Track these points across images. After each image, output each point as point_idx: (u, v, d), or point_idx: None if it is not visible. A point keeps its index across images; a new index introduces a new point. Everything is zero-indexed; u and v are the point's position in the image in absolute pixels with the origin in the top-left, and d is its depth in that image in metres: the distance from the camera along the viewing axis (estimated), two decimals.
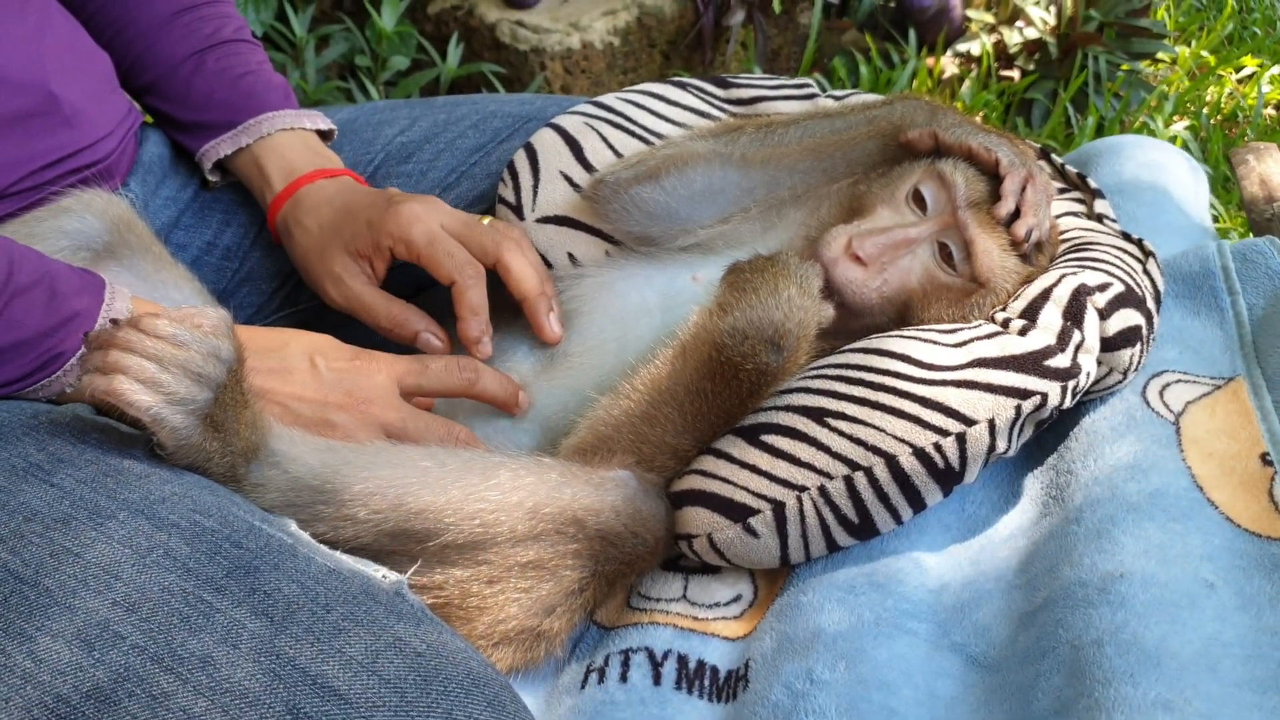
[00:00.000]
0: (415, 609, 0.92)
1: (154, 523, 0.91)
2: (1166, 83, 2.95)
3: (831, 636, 1.04)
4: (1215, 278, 1.30)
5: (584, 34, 2.86)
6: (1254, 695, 0.89)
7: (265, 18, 2.59)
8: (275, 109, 1.41)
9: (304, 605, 0.87)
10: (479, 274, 1.27)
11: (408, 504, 1.05)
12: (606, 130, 1.43)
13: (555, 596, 1.09)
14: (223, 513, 0.94)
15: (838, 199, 1.29)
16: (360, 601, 0.89)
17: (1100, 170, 1.56)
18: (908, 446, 1.08)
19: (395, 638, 0.87)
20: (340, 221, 1.31)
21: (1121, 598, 0.96)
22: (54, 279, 1.06)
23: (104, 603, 0.86)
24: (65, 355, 1.06)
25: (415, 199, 1.30)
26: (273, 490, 1.05)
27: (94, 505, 0.92)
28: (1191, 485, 1.08)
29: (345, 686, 0.82)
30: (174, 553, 0.89)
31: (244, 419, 1.02)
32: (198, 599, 0.86)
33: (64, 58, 1.30)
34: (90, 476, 0.95)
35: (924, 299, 1.20)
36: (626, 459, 1.16)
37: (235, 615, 0.86)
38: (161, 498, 0.94)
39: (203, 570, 0.88)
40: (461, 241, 1.28)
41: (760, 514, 1.11)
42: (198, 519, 0.93)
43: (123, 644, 0.84)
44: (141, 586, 0.87)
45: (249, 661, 0.83)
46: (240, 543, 0.92)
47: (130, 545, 0.90)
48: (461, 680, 0.86)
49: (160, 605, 0.86)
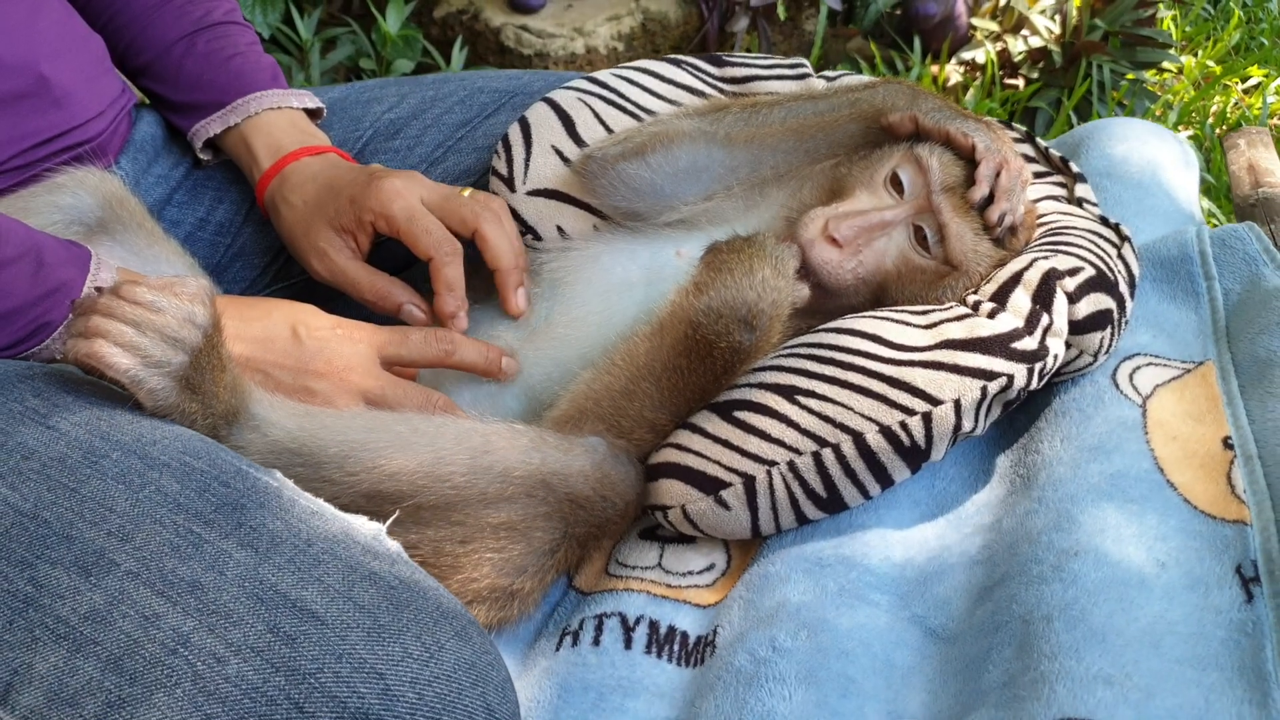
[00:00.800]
0: (392, 551, 0.97)
1: (146, 462, 0.96)
2: (1171, 92, 2.94)
3: (796, 606, 1.07)
4: (1193, 263, 1.32)
5: (588, 39, 2.86)
6: (1194, 672, 0.91)
7: (272, 20, 2.61)
8: (263, 89, 1.44)
9: (287, 539, 0.92)
10: (456, 250, 1.30)
11: (381, 466, 1.09)
12: (599, 106, 1.45)
13: (527, 557, 1.13)
14: (211, 456, 0.99)
15: (819, 180, 1.31)
16: (340, 540, 0.94)
17: (1090, 152, 1.56)
18: (874, 424, 1.11)
19: (370, 571, 0.92)
20: (324, 197, 1.34)
21: (1074, 575, 0.99)
22: (41, 250, 1.10)
23: (99, 533, 0.91)
24: (53, 324, 1.10)
25: (396, 174, 1.32)
26: (253, 453, 1.09)
27: (88, 446, 0.97)
28: (1153, 467, 1.11)
29: (322, 609, 0.88)
30: (165, 489, 0.94)
31: (222, 383, 1.06)
32: (187, 530, 0.92)
33: (56, 40, 1.33)
34: (84, 420, 1.00)
35: (899, 281, 1.23)
36: (602, 429, 1.20)
37: (222, 546, 0.91)
38: (153, 440, 0.99)
39: (192, 505, 0.93)
40: (441, 215, 1.31)
41: (731, 487, 1.14)
42: (187, 460, 0.97)
43: (117, 570, 0.89)
44: (134, 519, 0.92)
45: (234, 586, 0.88)
46: (228, 482, 0.96)
47: (124, 481, 0.95)
48: (431, 611, 0.91)
49: (152, 536, 0.91)
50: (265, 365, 1.17)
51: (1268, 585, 0.97)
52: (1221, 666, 0.92)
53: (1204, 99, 2.90)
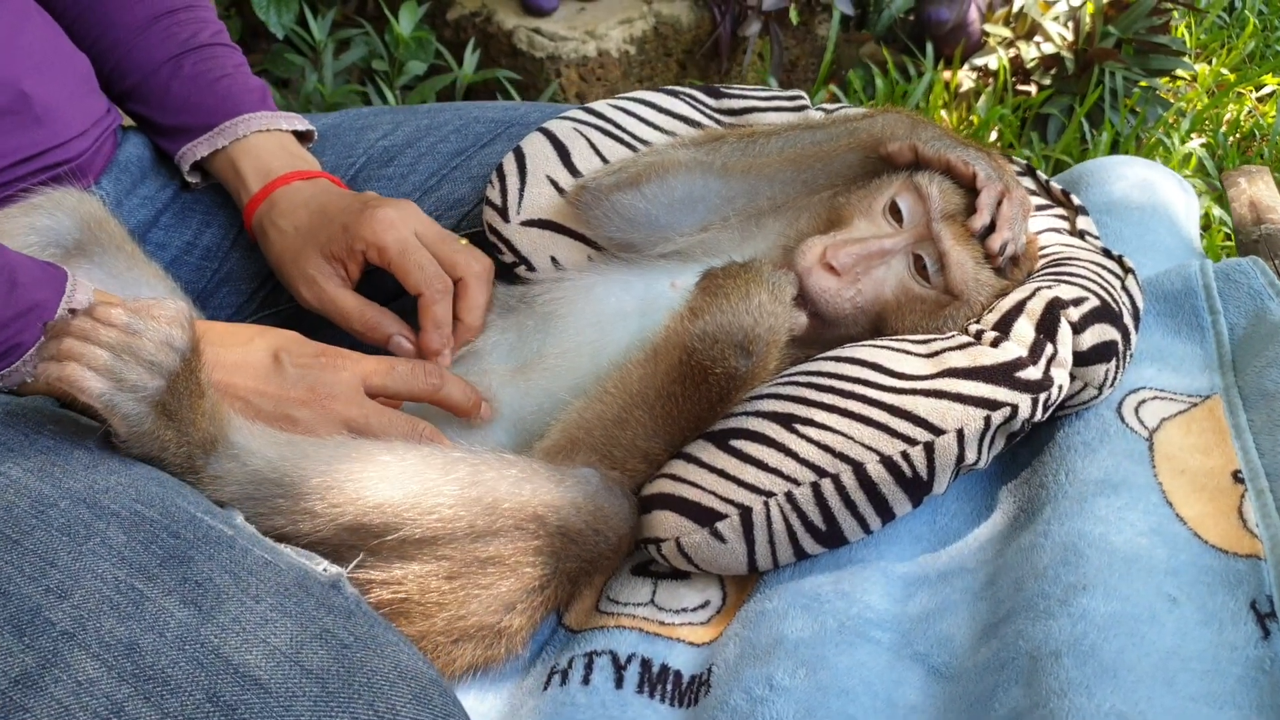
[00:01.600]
0: (349, 602, 0.93)
1: (94, 511, 0.92)
2: (1184, 100, 2.94)
3: (794, 643, 1.03)
4: (1197, 296, 1.30)
5: (600, 42, 2.87)
6: (1209, 709, 0.88)
7: (286, 21, 2.61)
8: (252, 110, 1.42)
9: (234, 595, 0.88)
10: (446, 288, 1.28)
11: (365, 498, 1.05)
12: (595, 136, 1.43)
13: (516, 593, 1.09)
14: (165, 503, 0.95)
15: (817, 210, 1.30)
16: (291, 593, 0.90)
17: (1090, 189, 1.55)
18: (875, 454, 1.07)
19: (323, 629, 0.88)
20: (316, 224, 1.31)
21: (1083, 610, 0.95)
22: (14, 270, 1.07)
23: (38, 589, 0.87)
24: (24, 346, 1.07)
25: (391, 204, 1.30)
26: (231, 483, 1.06)
27: (37, 494, 0.93)
28: (1161, 501, 1.07)
29: (267, 675, 0.83)
30: (110, 541, 0.90)
31: (200, 409, 1.02)
32: (129, 587, 0.88)
33: (38, 57, 1.31)
34: (37, 466, 0.96)
35: (898, 310, 1.20)
36: (595, 460, 1.16)
37: (164, 604, 0.87)
38: (105, 488, 0.95)
39: (137, 559, 0.90)
40: (433, 252, 1.29)
41: (727, 519, 1.11)
42: (139, 509, 0.94)
43: (52, 630, 0.85)
44: (75, 574, 0.88)
45: (173, 649, 0.84)
46: (178, 533, 0.93)
47: (68, 533, 0.91)
48: (388, 673, 0.87)
49: (92, 593, 0.87)
50: (246, 392, 1.14)
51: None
52: (1239, 705, 0.89)
53: (1217, 107, 2.89)
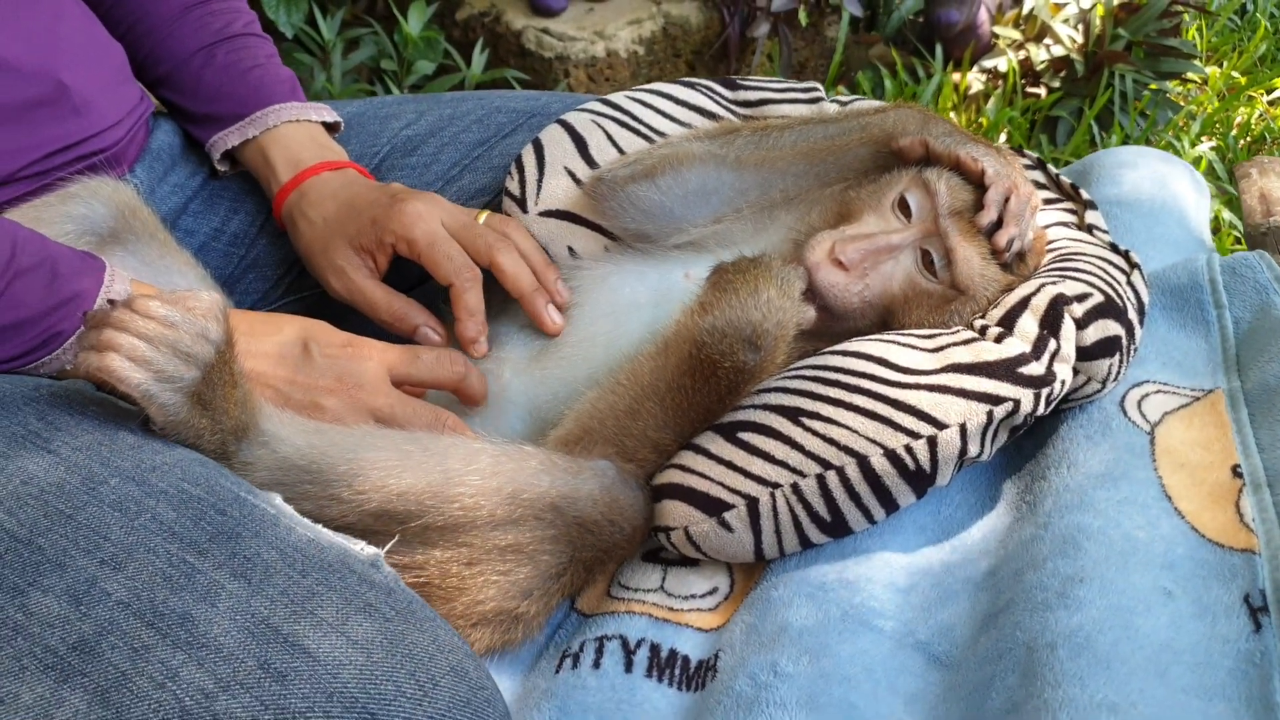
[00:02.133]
0: (388, 580, 0.96)
1: (144, 489, 0.96)
2: (1195, 103, 2.93)
3: (798, 631, 1.06)
4: (1203, 290, 1.31)
5: (609, 42, 2.87)
6: (1200, 701, 0.90)
7: (296, 20, 2.63)
8: (283, 101, 1.45)
9: (281, 570, 0.92)
10: (476, 276, 1.30)
11: (390, 485, 1.09)
12: (612, 128, 1.45)
13: (533, 580, 1.12)
14: (210, 483, 0.99)
15: (828, 204, 1.31)
16: (335, 570, 0.93)
17: (1101, 180, 1.56)
18: (879, 447, 1.10)
19: (366, 603, 0.91)
20: (344, 216, 1.34)
21: (1079, 602, 0.98)
22: (55, 261, 1.11)
23: (92, 561, 0.91)
24: (64, 334, 1.10)
25: (418, 196, 1.33)
26: (261, 469, 1.09)
27: (88, 471, 0.97)
28: (1161, 495, 1.10)
29: (314, 645, 0.87)
30: (161, 517, 0.94)
31: (233, 398, 1.06)
32: (180, 560, 0.91)
33: (76, 48, 1.34)
34: (86, 445, 1.00)
35: (905, 304, 1.22)
36: (608, 450, 1.19)
37: (215, 576, 0.90)
38: (152, 466, 0.98)
39: (187, 534, 0.93)
40: (460, 241, 1.31)
41: (735, 509, 1.13)
42: (186, 487, 0.97)
43: (108, 600, 0.89)
44: (128, 547, 0.92)
45: (225, 619, 0.88)
46: (225, 510, 0.96)
47: (120, 509, 0.94)
48: (427, 646, 0.90)
49: (145, 565, 0.91)
50: (276, 381, 1.18)
51: (1276, 615, 0.96)
52: (1229, 697, 0.91)
53: (1228, 110, 2.88)
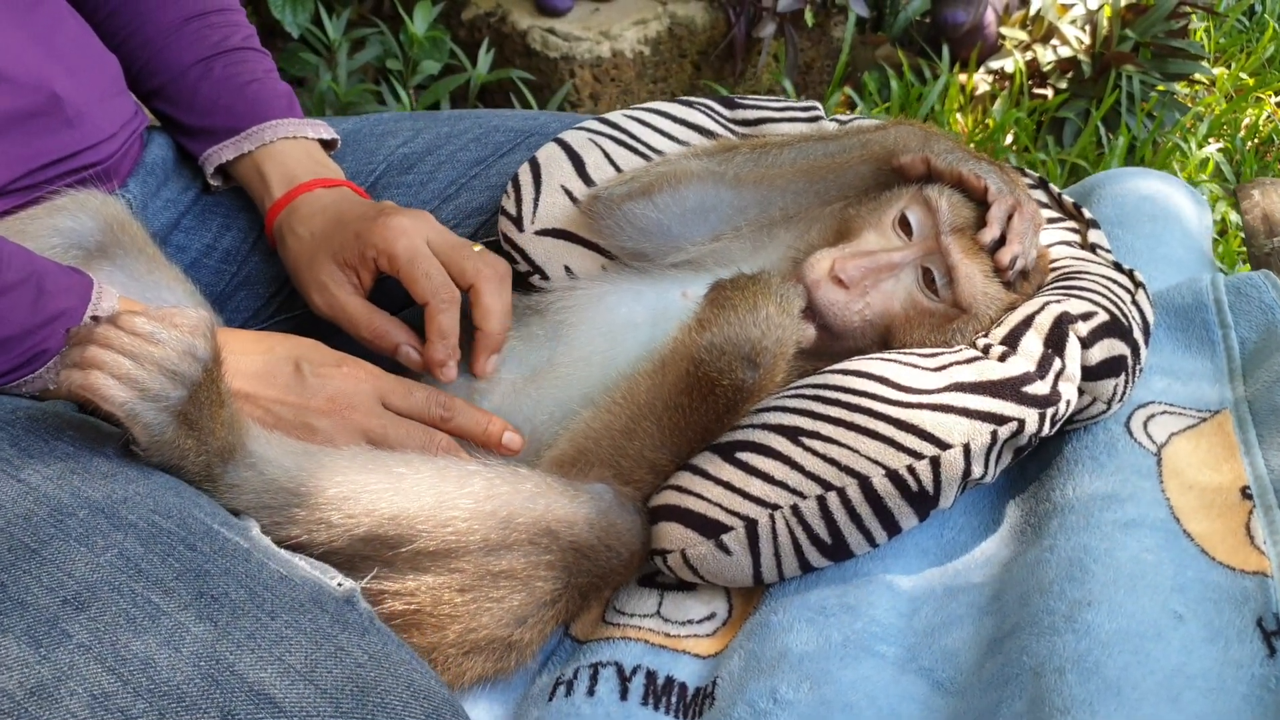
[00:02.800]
0: (363, 618, 0.93)
1: (112, 521, 0.93)
2: (1203, 104, 2.92)
3: (798, 656, 1.03)
4: (1208, 310, 1.29)
5: (614, 43, 2.87)
6: None
7: (301, 20, 2.63)
8: (279, 117, 1.43)
9: (249, 611, 0.89)
10: (453, 299, 1.27)
11: (381, 510, 1.06)
12: (610, 146, 1.44)
13: (527, 607, 1.10)
14: (183, 515, 0.96)
15: (828, 222, 1.30)
16: (306, 609, 0.90)
17: (1103, 200, 1.55)
18: (881, 468, 1.08)
19: (337, 646, 0.88)
20: (331, 230, 1.32)
21: (1087, 626, 0.95)
22: (41, 277, 1.09)
23: (55, 600, 0.88)
24: (49, 353, 1.08)
25: (406, 213, 1.31)
26: (248, 491, 1.07)
27: (56, 502, 0.94)
28: (1169, 517, 1.07)
29: (281, 694, 0.84)
30: (128, 553, 0.91)
31: (220, 418, 1.03)
32: (146, 600, 0.88)
33: (71, 59, 1.33)
34: (57, 474, 0.97)
35: (906, 323, 1.20)
36: (604, 472, 1.17)
37: (180, 618, 0.87)
38: (124, 498, 0.96)
39: (154, 572, 0.90)
40: (444, 261, 1.28)
41: (733, 531, 1.11)
42: (156, 520, 0.94)
43: (69, 642, 0.85)
44: (92, 585, 0.89)
45: (189, 665, 0.85)
46: (195, 545, 0.93)
47: (86, 543, 0.91)
48: (400, 692, 0.87)
49: (108, 605, 0.88)
50: (267, 402, 1.15)
51: None
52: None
53: (1236, 112, 2.86)
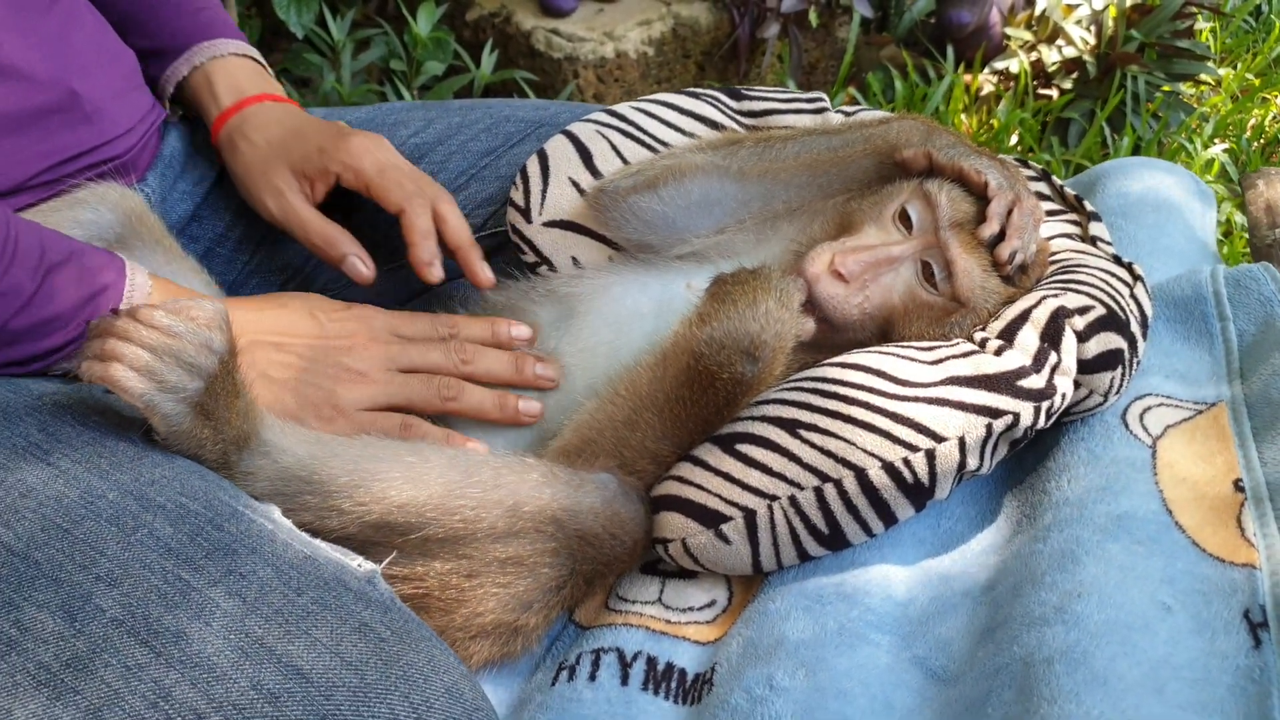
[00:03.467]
0: (385, 597, 0.96)
1: (141, 503, 0.96)
2: (1208, 105, 2.91)
3: (794, 644, 1.06)
4: (1207, 303, 1.30)
5: (618, 43, 2.87)
6: (1198, 718, 0.89)
7: (306, 21, 2.65)
8: (229, 38, 1.50)
9: (276, 588, 0.92)
10: (427, 204, 1.34)
11: (391, 497, 1.09)
12: (617, 138, 1.45)
13: (533, 593, 1.12)
14: (208, 497, 0.99)
15: (829, 215, 1.31)
16: (331, 587, 0.93)
17: (1106, 190, 1.56)
18: (877, 460, 1.10)
19: (361, 622, 0.91)
20: (290, 141, 1.38)
21: (1077, 617, 0.97)
22: (80, 255, 1.13)
23: (88, 577, 0.91)
24: None
25: (367, 135, 1.37)
26: (262, 479, 1.10)
27: (86, 485, 0.97)
28: (1161, 509, 1.09)
29: (308, 665, 0.87)
30: (157, 532, 0.94)
31: (235, 408, 1.06)
32: (176, 577, 0.91)
33: (88, 55, 1.35)
34: (85, 457, 1.00)
35: (905, 316, 1.22)
36: (609, 462, 1.19)
37: (210, 594, 0.90)
38: (151, 480, 0.99)
39: (183, 550, 0.93)
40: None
41: (732, 521, 1.13)
42: (184, 501, 0.97)
43: (102, 617, 0.89)
44: (124, 563, 0.92)
45: (219, 638, 0.88)
46: (222, 525, 0.96)
47: (117, 524, 0.94)
48: (422, 666, 0.90)
49: (140, 581, 0.91)
50: (298, 346, 1.21)
51: (1276, 631, 0.95)
52: (1227, 713, 0.90)
53: (1241, 112, 2.86)
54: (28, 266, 1.08)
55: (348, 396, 1.21)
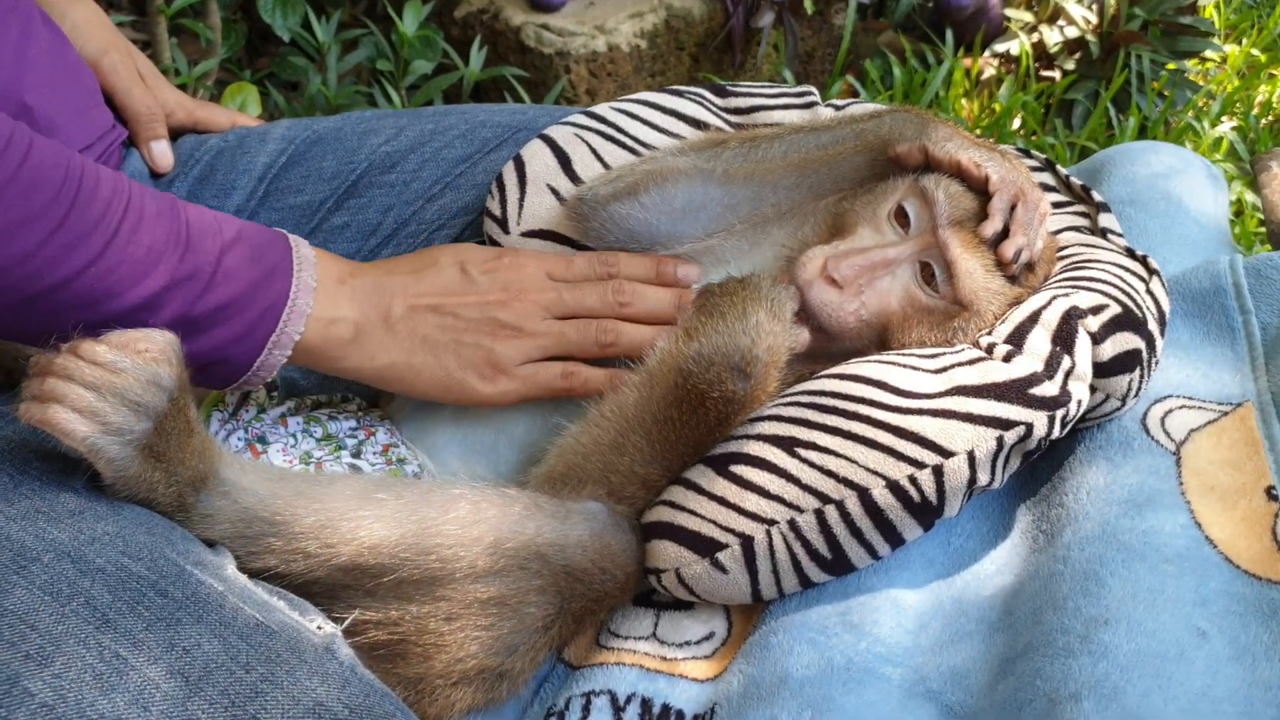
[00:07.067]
0: (344, 668, 0.90)
1: (79, 567, 0.89)
2: (1215, 82, 2.85)
3: (799, 682, 0.98)
4: (1226, 295, 1.23)
5: (610, 37, 2.82)
6: None
7: (292, 23, 2.61)
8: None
9: (223, 664, 0.85)
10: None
11: (360, 538, 1.03)
12: (597, 141, 1.39)
13: (518, 635, 1.06)
14: (153, 556, 0.92)
15: (821, 217, 1.24)
16: (283, 661, 0.87)
17: (1112, 178, 1.48)
18: (881, 479, 1.02)
19: (316, 702, 0.85)
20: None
21: (1104, 647, 0.90)
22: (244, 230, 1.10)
23: (16, 655, 0.84)
24: (278, 307, 1.09)
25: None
26: (222, 521, 1.03)
27: (20, 546, 0.90)
28: (1190, 522, 1.01)
29: None
30: (95, 601, 0.87)
31: (189, 447, 1.00)
32: (113, 654, 0.84)
33: (43, 70, 1.30)
34: (22, 514, 0.93)
35: (904, 322, 1.14)
36: (597, 489, 1.12)
37: (150, 674, 0.84)
38: (92, 538, 0.92)
39: (123, 622, 0.86)
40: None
41: (728, 549, 1.06)
42: (125, 563, 0.90)
43: (31, 701, 0.82)
44: (57, 639, 0.85)
45: None
46: (166, 590, 0.89)
47: (51, 592, 0.87)
48: None
49: (74, 660, 0.84)
50: (453, 306, 1.17)
51: None
52: None
53: (1248, 89, 2.81)
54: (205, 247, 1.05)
55: (506, 353, 1.17)
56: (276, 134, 1.53)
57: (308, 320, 1.10)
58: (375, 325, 1.15)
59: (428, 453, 1.27)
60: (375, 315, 1.15)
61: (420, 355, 1.15)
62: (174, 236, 1.02)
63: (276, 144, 1.51)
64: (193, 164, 1.49)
